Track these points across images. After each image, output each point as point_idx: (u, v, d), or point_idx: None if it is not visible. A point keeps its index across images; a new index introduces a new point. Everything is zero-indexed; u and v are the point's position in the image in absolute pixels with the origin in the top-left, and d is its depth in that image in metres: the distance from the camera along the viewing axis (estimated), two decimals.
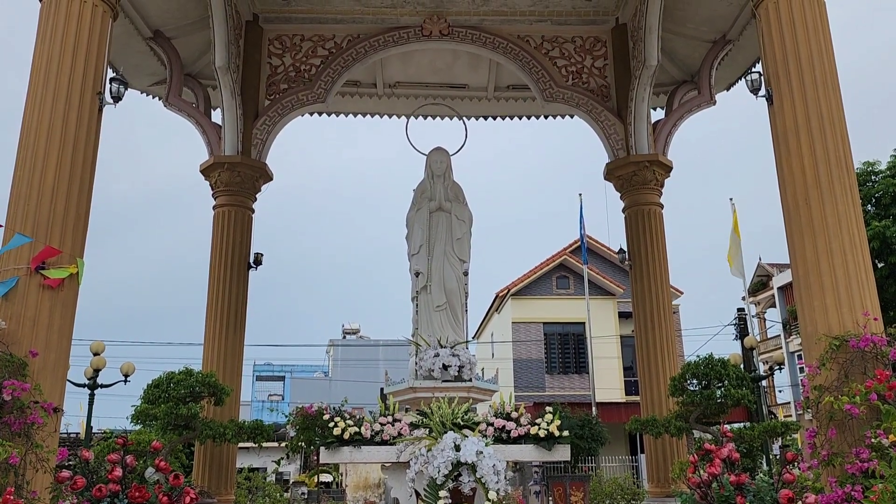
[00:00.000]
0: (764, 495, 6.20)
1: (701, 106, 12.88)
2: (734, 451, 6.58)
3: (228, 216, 12.23)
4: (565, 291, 30.80)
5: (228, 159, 12.24)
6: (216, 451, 11.16)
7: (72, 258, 6.57)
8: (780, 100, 7.19)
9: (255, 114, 12.63)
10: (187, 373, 10.02)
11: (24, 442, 5.57)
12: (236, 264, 12.06)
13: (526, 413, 8.21)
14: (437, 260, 9.86)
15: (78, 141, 6.83)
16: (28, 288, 6.29)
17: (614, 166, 12.79)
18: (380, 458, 8.05)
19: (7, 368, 5.77)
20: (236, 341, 11.83)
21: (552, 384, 29.45)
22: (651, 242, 12.34)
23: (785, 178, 7.05)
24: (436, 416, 7.83)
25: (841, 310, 6.39)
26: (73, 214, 6.67)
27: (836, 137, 6.91)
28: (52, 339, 6.26)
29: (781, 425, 10.18)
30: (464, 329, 9.81)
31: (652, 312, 12.01)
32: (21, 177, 6.70)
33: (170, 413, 9.55)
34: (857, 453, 5.40)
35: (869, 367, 5.94)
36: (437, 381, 9.00)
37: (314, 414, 9.50)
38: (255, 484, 15.46)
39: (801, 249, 6.75)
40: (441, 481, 7.20)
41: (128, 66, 12.02)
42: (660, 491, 11.24)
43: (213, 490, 10.86)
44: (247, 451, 22.43)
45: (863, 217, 6.97)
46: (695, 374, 9.80)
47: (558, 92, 12.85)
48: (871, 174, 17.45)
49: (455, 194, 10.31)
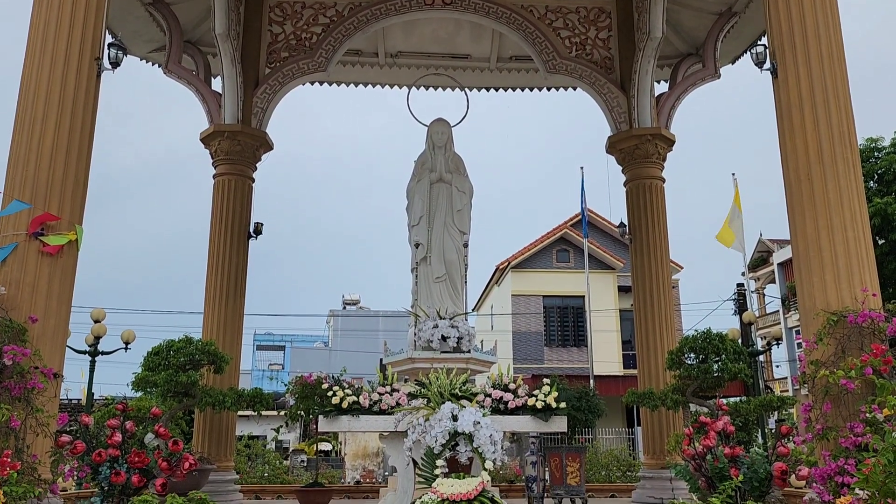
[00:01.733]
0: (758, 468, 6.26)
1: (705, 79, 12.76)
2: (729, 424, 6.64)
3: (228, 185, 12.20)
4: (565, 265, 30.83)
5: (228, 128, 12.17)
6: (216, 418, 11.25)
7: (70, 224, 6.55)
8: (784, 73, 7.12)
9: (255, 82, 12.52)
10: (187, 341, 10.07)
11: (24, 406, 5.61)
12: (236, 233, 12.05)
13: (524, 385, 8.26)
14: (437, 231, 9.86)
15: (76, 106, 6.77)
16: (27, 254, 6.29)
17: (616, 139, 12.72)
18: (378, 428, 8.12)
19: (7, 334, 5.79)
20: (236, 310, 11.86)
21: (551, 357, 29.62)
22: (652, 216, 12.32)
23: (787, 152, 7.00)
24: (434, 387, 7.88)
25: (840, 285, 6.39)
26: (71, 180, 6.64)
27: (841, 112, 6.86)
28: (51, 305, 6.27)
29: (777, 400, 10.25)
30: (463, 301, 9.84)
31: (651, 286, 12.03)
32: (19, 142, 6.66)
33: (170, 380, 9.61)
34: (851, 427, 5.44)
35: (866, 342, 5.95)
36: (435, 352, 9.04)
37: (313, 383, 9.55)
38: (255, 451, 15.63)
39: (802, 225, 6.73)
40: (438, 450, 7.26)
41: (126, 31, 11.88)
42: (655, 463, 11.36)
43: (213, 457, 10.97)
44: (246, 419, 22.66)
45: (865, 193, 6.93)
46: (692, 348, 9.85)
47: (561, 63, 12.73)
48: (875, 150, 17.37)
49: (456, 166, 10.27)
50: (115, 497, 6.11)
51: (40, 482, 5.38)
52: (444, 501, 6.68)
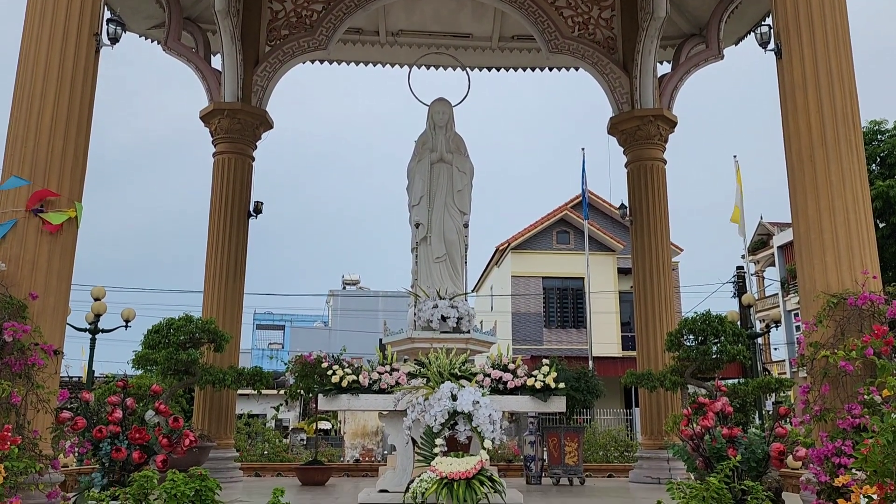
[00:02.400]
0: (755, 448, 6.29)
1: (708, 60, 12.68)
2: (727, 404, 6.66)
3: (228, 163, 12.16)
4: (565, 246, 30.81)
5: (228, 106, 12.11)
6: (216, 396, 11.30)
7: (70, 202, 6.53)
8: (788, 54, 7.06)
9: (255, 60, 12.44)
10: (187, 319, 10.09)
11: (24, 383, 5.62)
12: (236, 212, 12.03)
13: (523, 365, 8.28)
14: (437, 211, 9.83)
15: (75, 82, 6.72)
16: (27, 230, 6.27)
17: (618, 120, 12.66)
18: (377, 406, 8.15)
19: (7, 310, 5.79)
20: (236, 289, 11.88)
21: (550, 338, 29.69)
22: (653, 198, 12.29)
23: (790, 134, 6.96)
24: (433, 366, 7.89)
25: (840, 268, 6.38)
26: (70, 157, 6.60)
27: (845, 94, 6.80)
28: (51, 282, 6.26)
29: (775, 381, 10.29)
30: (463, 281, 9.84)
31: (651, 268, 12.03)
32: (18, 118, 6.61)
33: (170, 358, 9.64)
34: (849, 409, 5.45)
35: (866, 325, 5.95)
36: (435, 332, 9.06)
37: (313, 362, 9.58)
38: (255, 430, 15.71)
39: (804, 207, 6.71)
40: (437, 429, 7.29)
41: (125, 7, 11.72)
42: (653, 443, 11.43)
43: (213, 435, 11.03)
44: (246, 397, 22.74)
45: (867, 176, 6.90)
46: (692, 330, 9.87)
47: (564, 43, 12.63)
48: (878, 133, 17.29)
49: (457, 146, 10.22)
50: (115, 473, 6.14)
51: (41, 458, 5.41)
52: (442, 480, 6.73)
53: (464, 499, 6.54)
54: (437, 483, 6.72)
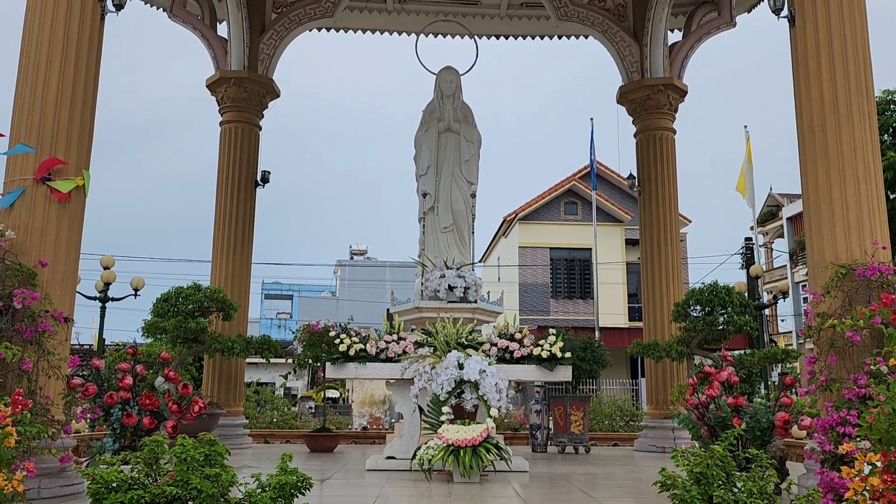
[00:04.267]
0: (760, 417, 6.32)
1: (720, 28, 12.48)
2: (733, 374, 6.69)
3: (235, 132, 12.13)
4: (573, 217, 30.72)
5: (235, 74, 12.04)
6: (225, 364, 11.41)
7: (77, 170, 6.53)
8: (802, 20, 6.94)
9: (261, 28, 12.33)
10: (195, 288, 10.14)
11: (35, 349, 5.68)
12: (243, 181, 12.03)
13: (529, 335, 8.31)
14: (444, 181, 9.81)
15: (80, 49, 6.67)
16: (35, 199, 6.28)
17: (628, 89, 12.53)
18: (384, 375, 8.22)
19: (17, 278, 5.82)
20: (244, 258, 11.92)
21: (556, 308, 29.75)
22: (662, 168, 12.21)
23: (802, 102, 6.87)
24: (440, 336, 7.94)
25: (850, 238, 6.33)
26: (77, 125, 6.58)
27: (858, 62, 6.69)
28: (60, 250, 6.28)
29: (782, 352, 10.30)
30: (470, 251, 9.84)
31: (659, 238, 12.00)
32: (24, 86, 6.58)
33: (179, 326, 9.72)
34: (855, 379, 5.45)
35: (874, 295, 5.92)
36: (442, 301, 9.09)
37: (321, 331, 9.63)
38: (264, 398, 15.87)
39: (814, 176, 6.64)
40: (444, 398, 7.36)
41: None
42: (658, 413, 11.50)
43: (223, 402, 11.16)
44: (255, 366, 22.94)
45: (879, 146, 6.82)
46: (699, 301, 9.87)
47: (573, 10, 12.46)
48: (891, 103, 17.02)
49: (464, 115, 10.16)
50: (126, 438, 6.24)
51: (53, 423, 5.48)
52: (449, 447, 6.81)
53: (470, 465, 6.62)
54: (444, 450, 6.80)
